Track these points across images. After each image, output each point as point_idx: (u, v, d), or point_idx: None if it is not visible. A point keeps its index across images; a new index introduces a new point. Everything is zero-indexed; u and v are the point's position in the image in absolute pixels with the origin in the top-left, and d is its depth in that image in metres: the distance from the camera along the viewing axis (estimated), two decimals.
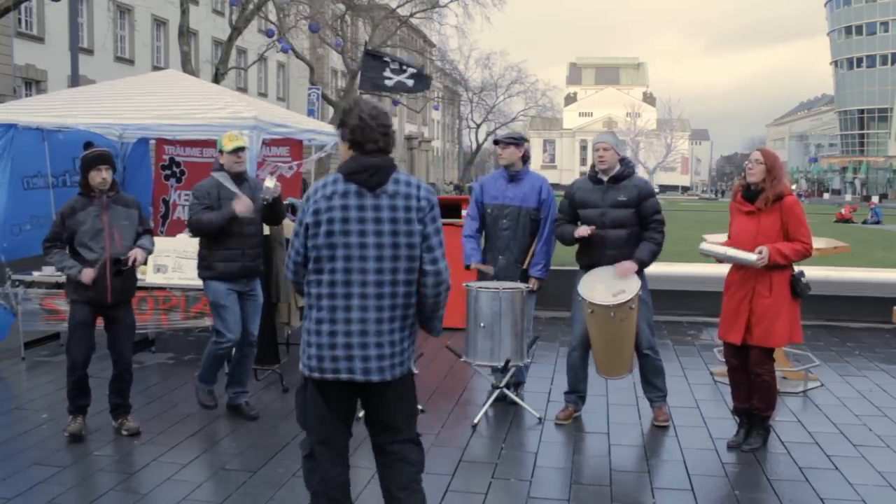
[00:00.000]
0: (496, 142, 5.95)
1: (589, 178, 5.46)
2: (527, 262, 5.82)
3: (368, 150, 3.10)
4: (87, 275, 4.83)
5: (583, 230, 5.30)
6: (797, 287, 4.84)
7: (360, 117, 3.10)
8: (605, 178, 5.34)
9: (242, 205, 5.14)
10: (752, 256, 4.73)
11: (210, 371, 5.44)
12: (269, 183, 5.33)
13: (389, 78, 7.63)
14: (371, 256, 3.04)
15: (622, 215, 5.27)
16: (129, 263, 4.98)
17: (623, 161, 5.39)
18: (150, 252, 5.19)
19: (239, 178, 5.31)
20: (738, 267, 4.94)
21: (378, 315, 3.06)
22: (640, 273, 5.34)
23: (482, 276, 5.81)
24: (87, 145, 5.09)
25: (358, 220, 3.05)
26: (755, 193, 4.85)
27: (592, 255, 5.37)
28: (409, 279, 3.10)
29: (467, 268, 5.90)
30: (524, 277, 5.79)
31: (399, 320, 3.11)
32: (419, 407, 3.74)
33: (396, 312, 3.09)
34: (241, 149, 5.32)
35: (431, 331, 3.29)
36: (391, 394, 3.16)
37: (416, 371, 3.43)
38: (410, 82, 7.61)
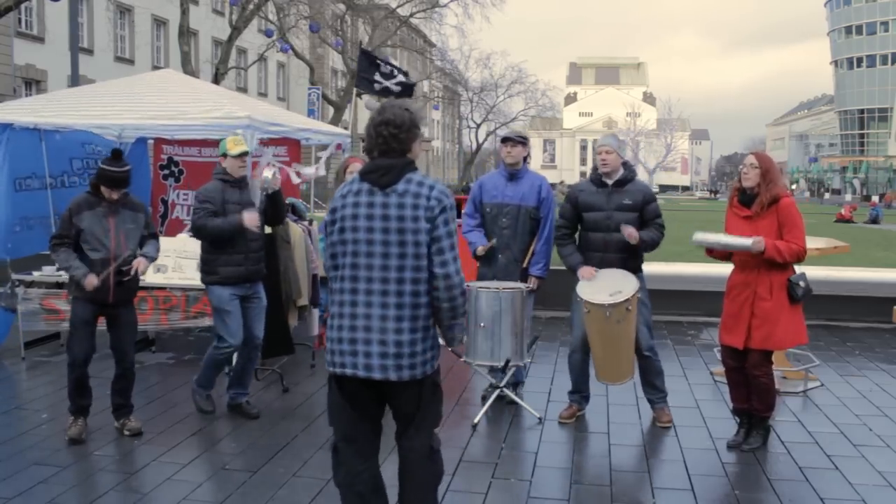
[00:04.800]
0: (506, 139, 5.91)
1: (591, 181, 5.44)
2: (526, 260, 5.83)
3: (374, 157, 3.15)
4: (90, 283, 4.82)
5: (588, 271, 5.32)
6: (792, 292, 4.81)
7: (368, 124, 3.15)
8: (610, 182, 5.34)
9: (251, 218, 5.16)
10: (746, 241, 4.71)
11: (208, 376, 5.43)
12: (268, 173, 5.32)
13: (378, 82, 7.71)
14: (377, 253, 3.05)
15: (627, 219, 5.26)
16: (132, 273, 4.97)
17: (625, 165, 5.38)
18: (153, 259, 5.17)
19: (241, 182, 5.31)
20: (740, 270, 4.94)
21: (382, 312, 3.04)
22: (638, 274, 5.34)
23: (481, 275, 5.84)
24: (116, 153, 4.94)
25: (366, 216, 3.07)
26: (751, 197, 4.84)
27: (595, 257, 5.37)
28: (416, 278, 3.06)
29: (474, 255, 5.88)
30: (524, 276, 5.80)
31: (407, 321, 3.06)
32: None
33: (403, 312, 3.05)
34: (246, 153, 5.34)
35: (450, 340, 3.29)
36: (404, 396, 3.15)
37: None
38: (397, 89, 7.71)
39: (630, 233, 5.20)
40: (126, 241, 4.98)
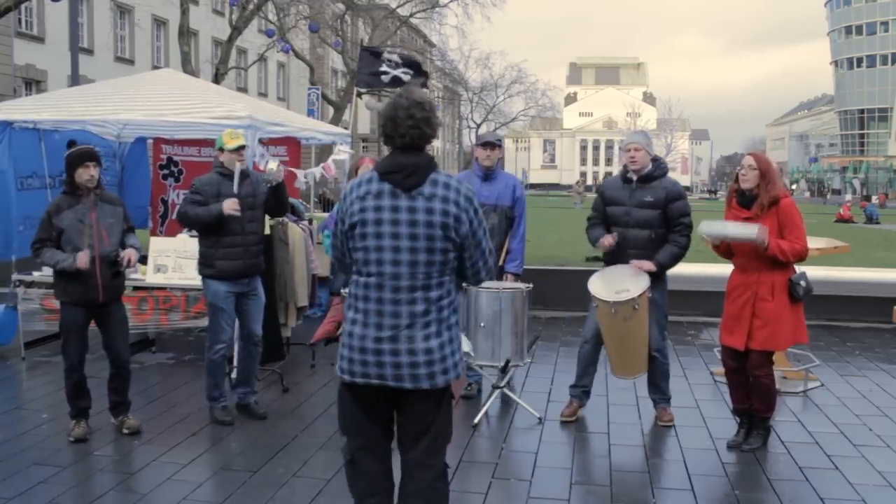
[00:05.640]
0: (486, 143, 5.94)
1: (620, 177, 5.46)
2: (501, 259, 5.88)
3: (398, 145, 2.97)
4: (83, 258, 4.77)
5: (607, 239, 5.31)
6: (794, 291, 4.81)
7: (392, 106, 2.96)
8: (635, 178, 5.33)
9: (229, 205, 5.11)
10: (752, 231, 4.65)
11: (213, 384, 5.37)
12: (272, 165, 5.30)
13: (385, 73, 7.65)
14: (404, 261, 2.91)
15: (647, 216, 5.24)
16: (125, 264, 4.96)
17: (655, 161, 5.36)
18: (139, 251, 5.18)
19: (241, 175, 5.28)
20: (740, 272, 4.93)
21: (410, 320, 2.93)
22: (660, 276, 5.32)
23: None
24: (71, 144, 5.06)
25: (391, 221, 2.91)
26: (750, 199, 4.83)
27: (614, 253, 5.36)
28: (441, 282, 2.96)
29: None
30: (499, 274, 5.85)
31: (434, 325, 2.96)
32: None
33: (430, 317, 2.95)
34: (243, 147, 5.31)
35: (479, 282, 3.21)
36: (425, 404, 3.02)
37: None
38: (407, 77, 7.64)
39: (639, 266, 5.21)
40: (108, 235, 4.95)
